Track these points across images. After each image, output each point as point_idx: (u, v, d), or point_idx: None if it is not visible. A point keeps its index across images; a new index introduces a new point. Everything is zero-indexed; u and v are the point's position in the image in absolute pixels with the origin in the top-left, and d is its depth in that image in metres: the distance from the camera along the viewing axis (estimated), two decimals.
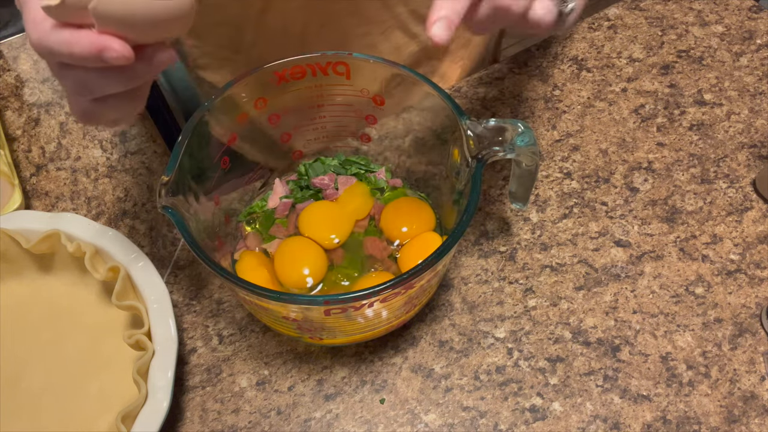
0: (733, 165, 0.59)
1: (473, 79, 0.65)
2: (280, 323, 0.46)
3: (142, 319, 0.47)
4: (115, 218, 0.57)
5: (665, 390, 0.48)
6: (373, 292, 0.38)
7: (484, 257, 0.54)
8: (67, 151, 0.62)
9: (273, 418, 0.48)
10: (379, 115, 0.52)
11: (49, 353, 0.49)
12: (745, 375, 0.49)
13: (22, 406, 0.47)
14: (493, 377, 0.49)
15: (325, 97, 0.51)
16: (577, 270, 0.53)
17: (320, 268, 0.49)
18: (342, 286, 0.49)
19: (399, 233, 0.51)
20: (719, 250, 0.54)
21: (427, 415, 0.48)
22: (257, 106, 0.49)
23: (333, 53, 0.47)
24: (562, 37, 0.67)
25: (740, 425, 0.47)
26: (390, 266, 0.50)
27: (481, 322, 0.51)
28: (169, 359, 0.45)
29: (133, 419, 0.43)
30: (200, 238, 0.42)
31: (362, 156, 0.56)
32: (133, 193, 0.59)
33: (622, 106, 0.63)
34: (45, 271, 0.52)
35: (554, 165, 0.59)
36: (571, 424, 0.47)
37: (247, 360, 0.50)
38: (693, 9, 0.69)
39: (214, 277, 0.54)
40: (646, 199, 0.57)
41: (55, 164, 0.61)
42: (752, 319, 0.51)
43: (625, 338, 0.50)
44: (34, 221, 0.50)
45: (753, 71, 0.64)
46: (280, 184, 0.54)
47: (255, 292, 0.39)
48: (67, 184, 0.60)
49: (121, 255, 0.49)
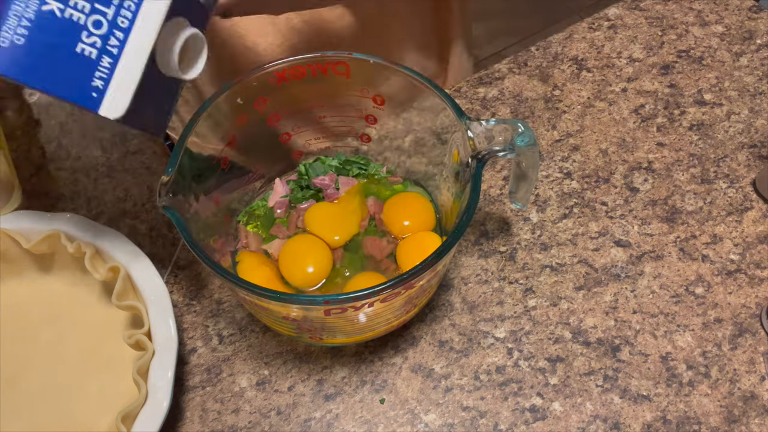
0: (733, 165, 0.59)
1: (473, 79, 0.65)
2: (280, 323, 0.46)
3: (142, 319, 0.47)
4: (115, 218, 0.57)
5: (665, 390, 0.48)
6: (373, 292, 0.38)
7: (484, 257, 0.54)
8: (67, 151, 0.62)
9: (273, 418, 0.48)
10: (379, 115, 0.52)
11: (49, 353, 0.49)
12: (745, 375, 0.49)
13: (22, 406, 0.47)
14: (493, 377, 0.49)
15: (325, 97, 0.51)
16: (577, 270, 0.53)
17: (326, 266, 0.50)
18: (339, 284, 0.49)
19: (401, 227, 0.51)
20: (719, 250, 0.54)
21: (427, 415, 0.48)
22: (257, 106, 0.49)
23: (333, 53, 0.47)
24: (563, 37, 0.67)
25: (740, 425, 0.47)
26: (389, 266, 0.50)
27: (481, 322, 0.51)
28: (169, 359, 0.45)
29: (133, 419, 0.43)
30: (200, 238, 0.42)
31: (362, 156, 0.56)
32: (133, 193, 0.59)
33: (622, 106, 0.63)
34: (45, 271, 0.52)
35: (554, 165, 0.59)
36: (571, 424, 0.47)
37: (247, 360, 0.50)
38: (693, 9, 0.69)
39: (214, 277, 0.54)
40: (646, 199, 0.57)
41: (55, 164, 0.61)
42: (752, 319, 0.51)
43: (625, 338, 0.50)
44: (34, 221, 0.50)
45: (753, 71, 0.64)
46: (281, 183, 0.54)
47: (255, 292, 0.39)
48: (67, 184, 0.60)
49: (121, 255, 0.49)
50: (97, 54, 0.34)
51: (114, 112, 0.35)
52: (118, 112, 0.35)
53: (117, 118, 0.35)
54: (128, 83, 0.35)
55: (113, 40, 0.34)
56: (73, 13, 0.34)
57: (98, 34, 0.34)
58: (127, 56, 0.35)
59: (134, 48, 0.35)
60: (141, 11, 0.35)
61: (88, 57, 0.34)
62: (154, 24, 0.35)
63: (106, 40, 0.34)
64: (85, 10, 0.34)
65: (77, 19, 0.34)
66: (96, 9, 0.34)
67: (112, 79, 0.35)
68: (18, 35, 0.33)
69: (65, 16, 0.33)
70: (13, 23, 0.32)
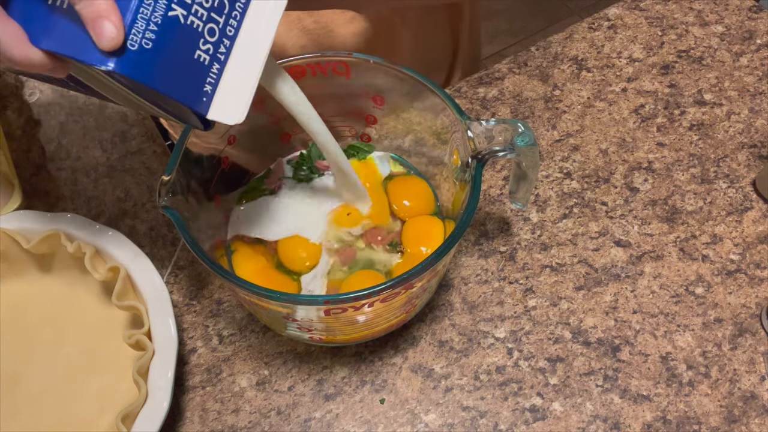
0: (733, 165, 0.59)
1: (473, 79, 0.65)
2: (280, 323, 0.46)
3: (142, 319, 0.47)
4: (115, 218, 0.57)
5: (665, 390, 0.48)
6: (373, 292, 0.38)
7: (484, 257, 0.54)
8: (67, 151, 0.62)
9: (273, 418, 0.48)
10: (379, 115, 0.52)
11: (49, 353, 0.49)
12: (745, 375, 0.49)
13: (22, 406, 0.47)
14: (493, 377, 0.49)
15: (325, 97, 0.51)
16: (577, 270, 0.53)
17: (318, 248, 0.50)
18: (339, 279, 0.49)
19: (402, 207, 0.51)
20: (719, 250, 0.54)
21: (427, 415, 0.48)
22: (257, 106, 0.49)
23: (333, 53, 0.47)
24: (563, 37, 0.67)
25: (740, 425, 0.47)
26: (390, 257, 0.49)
27: (481, 322, 0.51)
28: (169, 359, 0.45)
29: (133, 419, 0.43)
30: (200, 238, 0.42)
31: (367, 144, 0.55)
32: (133, 193, 0.59)
33: (622, 106, 0.63)
34: (45, 271, 0.52)
35: (554, 165, 0.59)
36: (571, 424, 0.47)
37: (247, 360, 0.50)
38: (693, 9, 0.69)
39: (214, 277, 0.54)
40: (646, 199, 0.57)
41: (55, 164, 0.61)
42: (752, 319, 0.51)
43: (625, 338, 0.50)
44: (34, 221, 0.50)
45: (753, 71, 0.64)
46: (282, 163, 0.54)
47: (255, 292, 0.39)
48: (67, 184, 0.60)
49: (121, 255, 0.49)
50: (209, 60, 0.35)
51: (224, 116, 0.36)
52: (228, 116, 0.36)
53: (229, 123, 0.36)
54: (241, 88, 0.36)
55: (222, 47, 0.35)
56: (194, 21, 0.34)
57: (211, 42, 0.35)
58: (234, 63, 0.36)
59: (242, 55, 0.36)
60: (245, 20, 0.36)
61: (203, 63, 0.35)
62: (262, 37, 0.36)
63: (217, 48, 0.35)
64: (204, 18, 0.34)
65: (197, 26, 0.34)
66: (211, 17, 0.35)
67: (219, 85, 0.36)
68: (146, 39, 0.33)
69: (188, 23, 0.34)
70: (141, 26, 0.32)
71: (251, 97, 0.37)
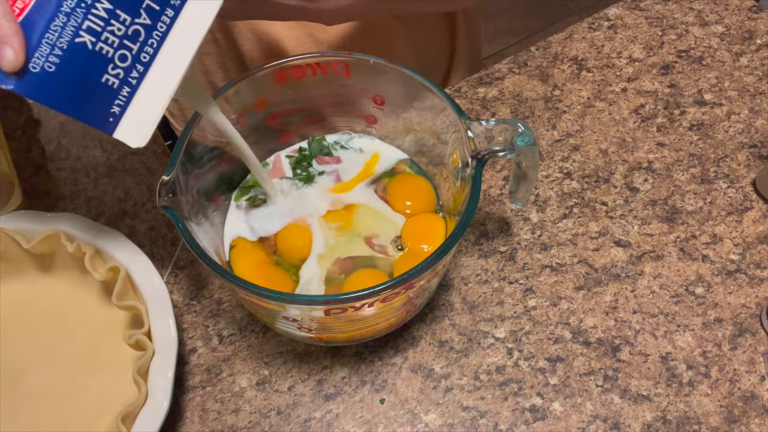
0: (733, 165, 0.59)
1: (473, 79, 0.65)
2: (280, 323, 0.46)
3: (142, 319, 0.47)
4: (115, 218, 0.57)
5: (665, 390, 0.48)
6: (373, 292, 0.38)
7: (484, 257, 0.54)
8: (67, 151, 0.62)
9: (273, 418, 0.48)
10: (379, 115, 0.52)
11: (49, 353, 0.49)
12: (745, 375, 0.49)
13: (22, 406, 0.47)
14: (493, 377, 0.49)
15: (325, 97, 0.51)
16: (577, 270, 0.54)
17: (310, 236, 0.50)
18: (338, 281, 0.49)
19: (403, 206, 0.51)
20: (719, 250, 0.54)
21: (427, 415, 0.48)
22: (257, 107, 0.49)
23: (333, 53, 0.47)
24: (563, 37, 0.67)
25: (740, 425, 0.47)
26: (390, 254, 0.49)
27: (481, 322, 0.51)
28: (169, 359, 0.45)
29: (133, 419, 0.43)
30: (200, 238, 0.42)
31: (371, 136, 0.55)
32: (133, 193, 0.59)
33: (622, 106, 0.63)
34: (45, 271, 0.52)
35: (554, 165, 0.59)
36: (571, 424, 0.47)
37: (247, 360, 0.50)
38: (693, 9, 0.69)
39: (214, 277, 0.54)
40: (646, 199, 0.57)
41: (55, 164, 0.61)
42: (752, 319, 0.51)
43: (625, 338, 0.50)
44: (34, 221, 0.50)
45: (753, 71, 0.64)
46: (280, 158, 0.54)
47: (255, 292, 0.39)
48: (67, 184, 0.60)
49: (121, 255, 0.49)
50: (119, 84, 0.36)
51: (130, 137, 0.37)
52: (134, 138, 0.37)
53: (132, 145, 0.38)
54: (148, 112, 0.37)
55: (134, 72, 0.37)
56: (104, 47, 0.36)
57: (122, 66, 0.36)
58: (146, 87, 0.37)
59: (155, 80, 0.37)
60: (163, 48, 0.37)
61: (111, 86, 0.36)
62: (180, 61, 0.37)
63: (128, 72, 0.36)
64: (114, 45, 0.36)
65: (106, 52, 0.36)
66: (124, 44, 0.36)
67: (128, 107, 0.37)
68: (49, 63, 0.35)
69: (96, 49, 0.35)
70: (45, 50, 0.34)
71: (156, 121, 0.38)
